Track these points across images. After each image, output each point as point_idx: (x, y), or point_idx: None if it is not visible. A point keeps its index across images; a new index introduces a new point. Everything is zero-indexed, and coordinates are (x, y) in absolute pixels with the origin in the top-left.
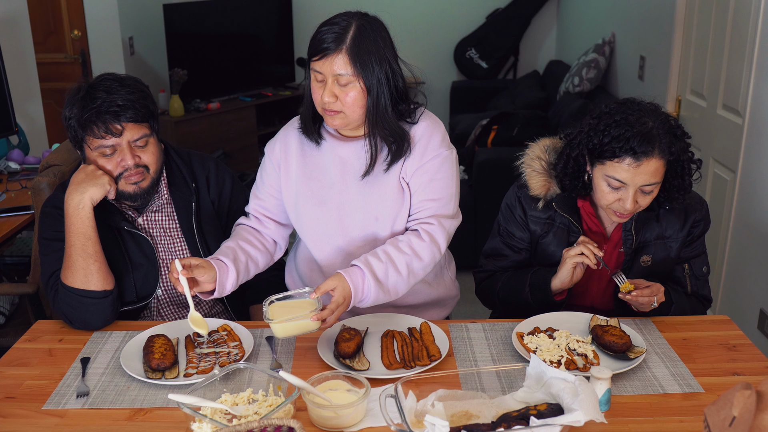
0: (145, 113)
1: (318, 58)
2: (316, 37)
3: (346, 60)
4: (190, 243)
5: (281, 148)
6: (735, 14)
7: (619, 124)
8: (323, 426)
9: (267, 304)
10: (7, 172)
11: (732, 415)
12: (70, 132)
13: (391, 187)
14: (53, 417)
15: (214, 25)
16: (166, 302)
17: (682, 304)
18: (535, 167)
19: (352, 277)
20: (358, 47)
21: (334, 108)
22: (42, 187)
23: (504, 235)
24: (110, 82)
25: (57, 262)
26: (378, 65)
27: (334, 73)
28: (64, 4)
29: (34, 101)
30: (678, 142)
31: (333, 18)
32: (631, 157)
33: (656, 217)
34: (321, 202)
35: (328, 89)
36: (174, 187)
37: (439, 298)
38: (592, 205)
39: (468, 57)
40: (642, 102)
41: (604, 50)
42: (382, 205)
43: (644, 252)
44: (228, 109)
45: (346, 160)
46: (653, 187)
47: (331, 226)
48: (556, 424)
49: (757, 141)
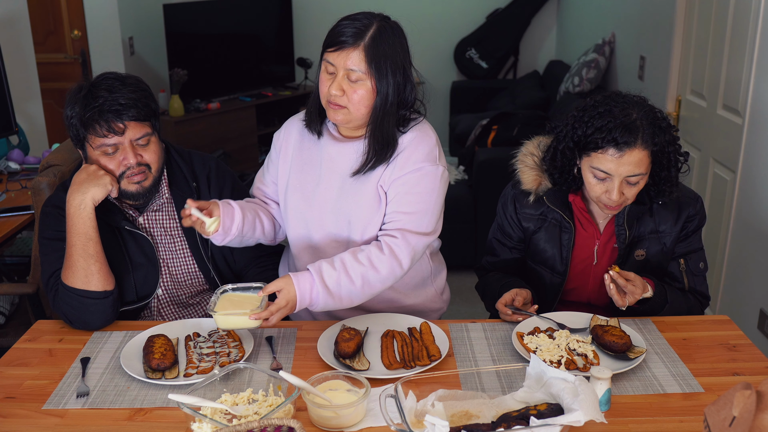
0: (147, 112)
1: (334, 49)
2: (336, 29)
3: (361, 57)
4: (191, 242)
5: (284, 137)
6: (735, 14)
7: (602, 116)
8: (323, 426)
9: (219, 293)
10: (7, 172)
11: (732, 415)
12: (72, 131)
13: (368, 192)
14: (53, 417)
15: (214, 25)
16: (166, 302)
17: (677, 303)
18: (528, 162)
19: (300, 282)
20: (375, 47)
21: (339, 102)
22: (42, 187)
23: (497, 233)
24: (112, 81)
25: (57, 261)
26: (392, 70)
27: (347, 68)
28: (64, 4)
29: (34, 101)
30: (662, 133)
31: (356, 14)
32: (613, 147)
33: (650, 212)
34: (306, 197)
35: (337, 82)
36: (175, 186)
37: (417, 309)
38: (584, 200)
39: (468, 57)
40: (628, 95)
41: (604, 50)
42: (356, 209)
43: (638, 246)
44: (228, 109)
45: (334, 158)
46: (638, 178)
47: (310, 221)
48: (556, 424)
49: (757, 141)
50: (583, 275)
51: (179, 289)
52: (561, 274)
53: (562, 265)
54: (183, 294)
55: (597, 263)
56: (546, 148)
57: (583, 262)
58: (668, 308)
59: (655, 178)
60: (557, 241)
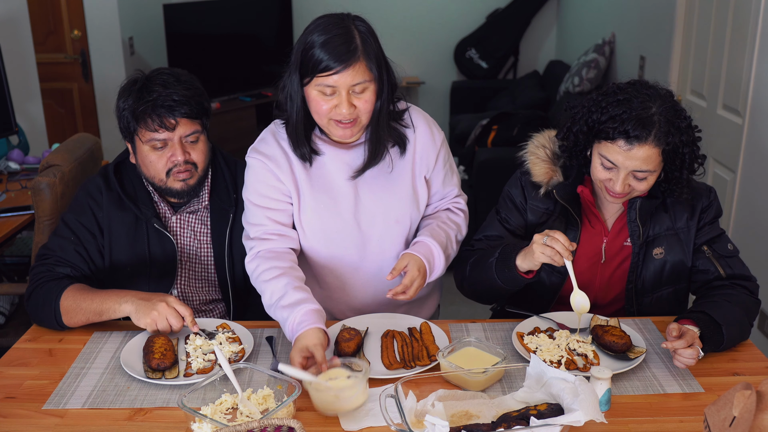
0: (200, 110)
1: (332, 72)
2: (320, 51)
3: (362, 67)
4: (217, 252)
5: (276, 174)
6: (735, 14)
7: (620, 104)
8: (327, 411)
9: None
10: (7, 172)
11: (732, 415)
12: (122, 122)
13: (405, 186)
14: (53, 417)
15: (214, 25)
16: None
17: (730, 315)
18: (539, 155)
19: (420, 250)
20: (368, 51)
21: (350, 117)
22: (42, 187)
23: (503, 219)
24: (167, 77)
25: (59, 248)
26: (382, 63)
27: (352, 83)
28: (64, 4)
29: (34, 101)
30: (678, 133)
31: (328, 28)
32: (624, 139)
33: (664, 207)
34: (337, 213)
35: (345, 101)
36: (216, 195)
37: (416, 302)
38: (593, 194)
39: (468, 57)
40: (656, 86)
41: (604, 50)
42: (400, 205)
43: (655, 245)
44: (228, 109)
45: (349, 163)
46: (646, 174)
47: (348, 234)
48: (556, 424)
49: (757, 141)
50: (589, 273)
51: (193, 294)
52: (561, 274)
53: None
54: (196, 300)
55: (605, 261)
56: (556, 141)
57: (589, 260)
58: (727, 327)
59: (668, 176)
60: None
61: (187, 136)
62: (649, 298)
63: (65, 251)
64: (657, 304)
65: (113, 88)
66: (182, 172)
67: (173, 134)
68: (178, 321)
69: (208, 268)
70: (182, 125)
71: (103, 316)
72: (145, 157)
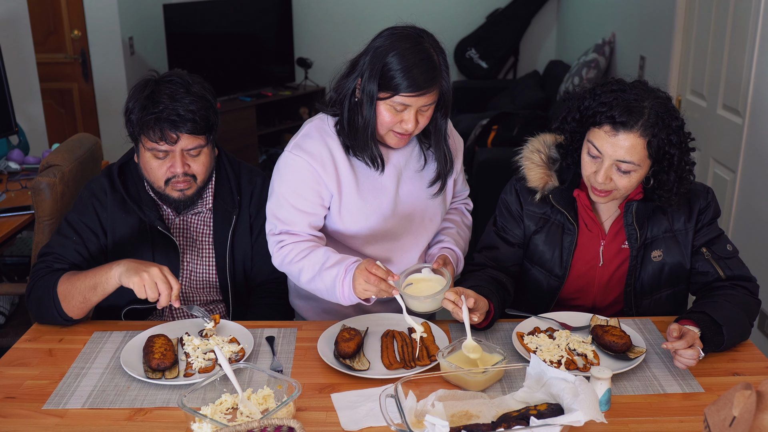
0: (204, 126)
1: (413, 95)
2: (406, 78)
3: (437, 91)
4: (219, 253)
5: (320, 165)
6: (735, 14)
7: (613, 92)
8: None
9: (402, 283)
10: (7, 172)
11: (732, 415)
12: (129, 126)
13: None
14: (53, 417)
15: (214, 25)
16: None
17: (732, 319)
18: (534, 159)
19: (455, 251)
20: (444, 77)
21: (413, 131)
22: (42, 187)
23: (499, 228)
24: (176, 87)
25: (59, 247)
26: (450, 83)
27: (425, 104)
28: (64, 4)
29: (34, 101)
30: (666, 130)
31: (410, 50)
32: (610, 124)
33: (662, 210)
34: (380, 212)
35: (413, 118)
36: (219, 198)
37: None
38: (589, 197)
39: (468, 57)
40: (656, 89)
41: (604, 50)
42: (433, 204)
43: (653, 247)
44: (228, 109)
45: (396, 166)
46: (629, 166)
47: (385, 231)
48: (556, 424)
49: (757, 141)
50: (588, 277)
51: (194, 295)
52: (559, 278)
53: (561, 269)
54: (197, 300)
55: (603, 264)
56: (551, 145)
57: (587, 264)
58: (728, 328)
59: (656, 177)
60: (558, 244)
61: (190, 150)
62: (648, 300)
63: (65, 250)
64: (656, 305)
65: (113, 88)
66: (180, 183)
67: (174, 147)
68: (167, 288)
69: (209, 269)
70: (184, 139)
71: (98, 289)
72: (146, 163)
